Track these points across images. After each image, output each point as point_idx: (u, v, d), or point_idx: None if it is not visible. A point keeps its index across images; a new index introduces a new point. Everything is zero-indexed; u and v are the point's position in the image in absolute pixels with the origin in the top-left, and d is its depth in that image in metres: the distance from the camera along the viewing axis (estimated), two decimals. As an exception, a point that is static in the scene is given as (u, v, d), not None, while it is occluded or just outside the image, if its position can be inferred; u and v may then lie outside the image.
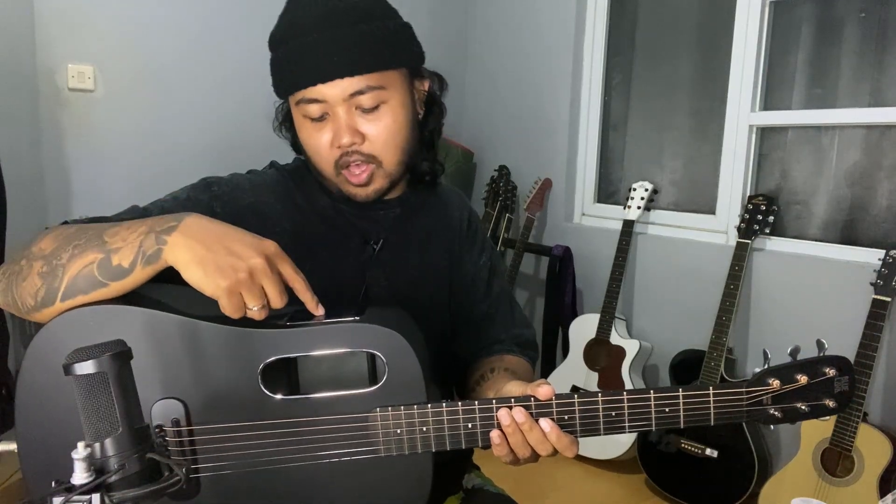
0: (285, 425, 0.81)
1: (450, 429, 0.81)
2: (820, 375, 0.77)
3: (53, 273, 0.78)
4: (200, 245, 0.75)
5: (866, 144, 2.18)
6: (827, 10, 2.26)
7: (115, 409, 0.58)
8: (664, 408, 0.79)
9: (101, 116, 2.56)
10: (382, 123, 0.93)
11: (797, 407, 0.78)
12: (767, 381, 0.78)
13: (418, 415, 0.80)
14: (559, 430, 0.79)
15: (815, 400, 0.78)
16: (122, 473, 0.58)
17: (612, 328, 2.52)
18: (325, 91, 0.91)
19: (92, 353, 0.58)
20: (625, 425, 0.79)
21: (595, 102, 2.94)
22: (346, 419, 0.81)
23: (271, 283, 0.76)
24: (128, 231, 0.78)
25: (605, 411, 0.79)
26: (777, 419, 0.79)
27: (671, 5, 2.73)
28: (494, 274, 1.13)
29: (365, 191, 0.96)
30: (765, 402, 0.78)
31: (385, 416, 0.80)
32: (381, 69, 0.92)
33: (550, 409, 0.79)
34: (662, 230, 2.65)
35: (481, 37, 3.33)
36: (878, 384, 1.99)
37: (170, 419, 0.80)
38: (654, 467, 2.32)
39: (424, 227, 1.07)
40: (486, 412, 0.80)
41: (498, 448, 0.81)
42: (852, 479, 1.82)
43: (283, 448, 0.81)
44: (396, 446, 0.81)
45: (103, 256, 0.77)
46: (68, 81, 2.48)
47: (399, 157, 0.97)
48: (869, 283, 1.90)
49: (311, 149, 0.96)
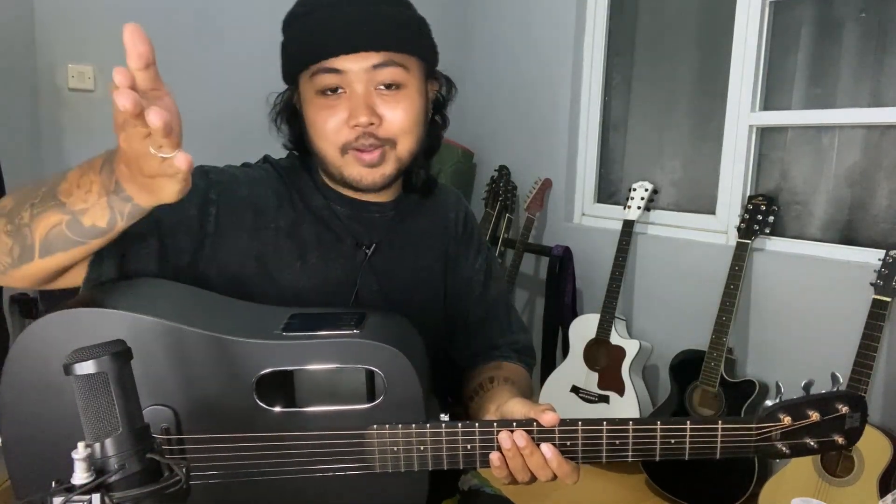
0: (279, 438, 0.79)
1: (448, 449, 0.79)
2: (832, 412, 0.76)
3: (20, 232, 0.75)
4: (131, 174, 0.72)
5: (866, 144, 2.18)
6: (827, 10, 2.26)
7: (116, 409, 0.58)
8: (670, 439, 0.77)
9: (101, 116, 2.56)
10: (401, 107, 0.90)
11: (806, 443, 0.76)
12: (779, 416, 0.76)
13: (416, 434, 0.78)
14: (560, 456, 0.77)
15: (825, 436, 0.76)
16: (123, 473, 0.58)
17: (612, 328, 2.52)
18: (346, 63, 0.87)
19: (92, 353, 0.58)
20: (628, 454, 0.78)
21: (595, 102, 2.94)
22: (342, 435, 0.79)
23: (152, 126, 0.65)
24: (79, 189, 0.73)
25: (608, 440, 0.78)
26: (784, 454, 0.77)
27: (671, 5, 2.73)
28: (490, 277, 1.11)
29: (373, 173, 0.92)
30: (773, 437, 0.76)
31: (382, 433, 0.79)
32: (404, 51, 0.90)
33: (553, 435, 0.78)
34: (662, 230, 2.66)
35: (481, 37, 3.33)
36: (878, 384, 1.99)
37: (159, 426, 0.78)
38: (655, 467, 2.32)
39: (419, 230, 1.04)
40: (487, 434, 0.78)
41: (497, 470, 0.79)
42: (852, 479, 1.82)
43: (276, 461, 0.79)
44: (392, 464, 0.79)
45: (69, 218, 0.73)
46: (68, 81, 2.48)
47: (412, 145, 0.94)
48: (869, 283, 1.90)
49: (318, 129, 0.91)
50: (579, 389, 2.57)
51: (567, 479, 0.78)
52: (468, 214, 1.13)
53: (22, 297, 2.38)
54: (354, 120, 0.88)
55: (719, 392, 2.17)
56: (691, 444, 0.77)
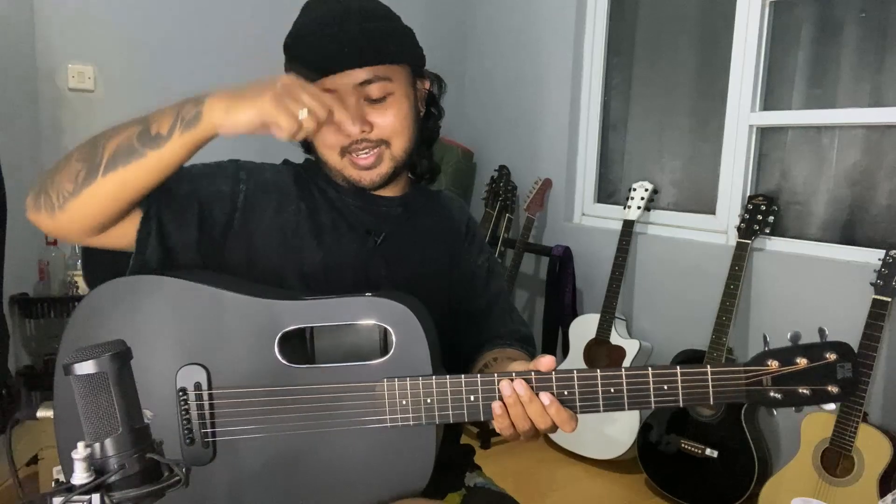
0: (297, 391, 0.85)
1: (453, 401, 0.83)
2: (820, 359, 0.77)
3: (94, 150, 0.84)
4: (231, 95, 0.81)
5: (866, 144, 2.18)
6: (827, 10, 2.26)
7: (115, 409, 0.58)
8: (663, 385, 0.80)
9: (101, 116, 2.56)
10: (390, 112, 0.99)
11: (798, 390, 0.77)
12: (766, 362, 0.78)
13: (423, 386, 0.84)
14: (559, 404, 0.81)
15: (817, 384, 0.77)
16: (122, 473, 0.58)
17: (612, 328, 2.52)
18: (336, 82, 0.97)
19: (92, 353, 0.58)
20: (623, 402, 0.80)
21: (595, 102, 2.94)
22: (354, 387, 0.85)
23: (306, 94, 0.81)
24: (167, 108, 0.84)
25: (603, 388, 0.81)
26: (777, 402, 0.77)
27: (671, 5, 2.73)
28: (492, 275, 1.17)
29: (370, 174, 1.01)
30: (764, 382, 0.78)
31: (391, 386, 0.84)
32: (387, 62, 0.99)
33: (550, 384, 0.82)
34: (662, 230, 2.65)
35: (481, 37, 3.33)
36: (878, 384, 1.99)
37: (192, 383, 0.86)
38: (655, 467, 2.32)
39: (425, 228, 1.11)
40: (488, 385, 0.83)
41: (499, 419, 0.82)
42: (852, 479, 1.82)
43: (294, 413, 0.85)
44: (402, 417, 0.84)
45: (142, 128, 0.83)
46: (68, 81, 2.49)
47: (405, 143, 1.03)
48: (869, 283, 1.90)
49: (319, 139, 1.01)
50: (579, 389, 2.57)
51: (565, 427, 0.81)
52: (471, 220, 1.21)
53: (22, 297, 2.38)
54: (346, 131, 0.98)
55: (719, 392, 2.17)
56: (684, 389, 0.79)
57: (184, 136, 0.83)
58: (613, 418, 2.47)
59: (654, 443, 2.32)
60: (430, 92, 1.10)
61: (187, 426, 0.87)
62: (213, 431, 0.86)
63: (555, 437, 2.63)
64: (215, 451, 0.87)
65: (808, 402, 0.77)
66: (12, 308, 2.36)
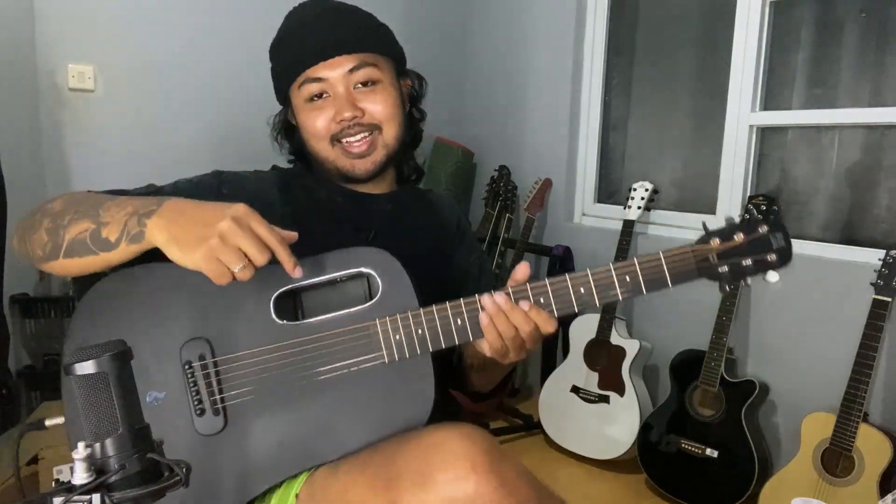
0: (296, 345, 0.90)
1: (442, 326, 0.88)
2: (754, 232, 0.86)
3: (56, 232, 0.88)
4: (174, 225, 0.82)
5: (866, 144, 2.18)
6: (827, 10, 2.26)
7: (116, 409, 0.58)
8: (625, 276, 0.86)
9: (101, 116, 2.56)
10: (379, 98, 1.03)
11: (741, 262, 0.85)
12: (709, 241, 0.86)
13: (412, 318, 0.89)
14: (537, 307, 0.87)
15: (757, 255, 0.86)
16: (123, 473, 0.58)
17: (612, 328, 2.52)
18: (325, 70, 1.01)
19: (92, 353, 0.58)
20: (595, 299, 0.87)
21: (595, 102, 2.94)
22: (350, 331, 0.89)
23: (245, 241, 0.80)
24: (118, 209, 0.86)
25: (574, 289, 0.87)
26: (726, 275, 0.86)
27: (671, 5, 2.73)
28: (483, 273, 1.19)
29: (364, 163, 1.04)
30: (711, 259, 0.86)
31: (384, 323, 0.89)
32: (372, 51, 1.03)
33: (527, 294, 0.88)
34: (663, 230, 2.65)
35: (481, 37, 3.33)
36: (878, 384, 1.99)
37: (196, 356, 0.90)
38: (655, 467, 2.32)
39: (415, 226, 1.13)
40: (471, 305, 0.88)
41: (487, 330, 0.87)
42: (852, 479, 1.82)
43: (297, 367, 0.89)
44: (398, 350, 0.88)
45: (95, 227, 0.86)
46: (68, 81, 2.48)
47: (396, 130, 1.06)
48: (869, 283, 1.89)
49: (310, 129, 1.04)
50: (579, 389, 2.57)
51: (546, 326, 0.87)
52: (463, 219, 1.22)
53: (22, 297, 2.38)
54: (340, 115, 1.01)
55: (719, 392, 2.17)
56: (644, 278, 0.85)
57: (130, 247, 0.85)
58: (613, 418, 2.47)
59: (654, 443, 2.32)
60: (413, 90, 1.13)
61: (197, 397, 0.91)
62: (223, 398, 0.90)
63: (555, 437, 2.63)
64: (226, 418, 0.90)
65: (752, 271, 0.86)
66: (12, 308, 2.36)
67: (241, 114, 2.76)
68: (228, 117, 2.76)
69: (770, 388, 2.24)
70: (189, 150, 2.70)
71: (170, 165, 2.71)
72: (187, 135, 2.71)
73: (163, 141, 2.67)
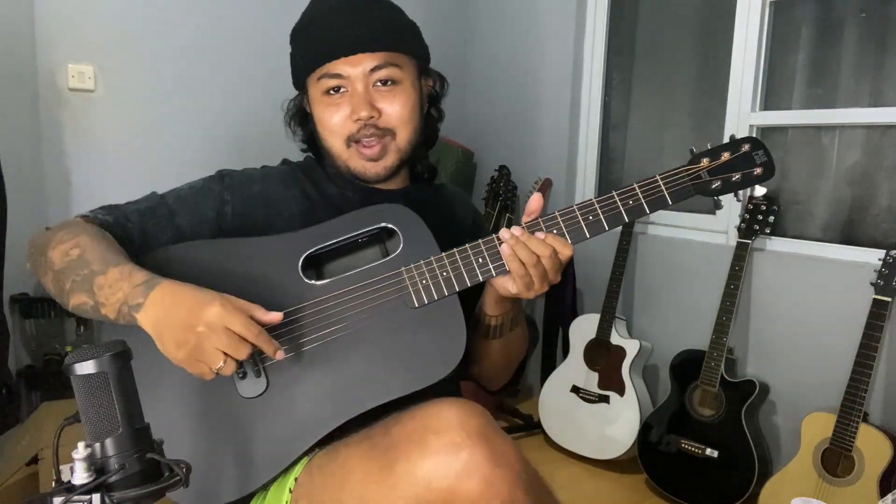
0: (330, 299, 0.94)
1: (465, 266, 0.94)
2: (739, 150, 0.96)
3: (61, 292, 0.92)
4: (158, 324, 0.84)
5: (866, 144, 2.18)
6: (827, 10, 2.26)
7: (116, 409, 0.58)
8: (628, 201, 0.94)
9: (101, 116, 2.56)
10: (398, 100, 1.02)
11: (731, 177, 0.96)
12: (699, 160, 0.97)
13: (436, 262, 0.94)
14: (552, 234, 0.93)
15: (744, 169, 0.96)
16: (123, 473, 0.58)
17: (612, 328, 2.52)
18: (346, 67, 1.00)
19: (92, 353, 0.58)
20: (603, 224, 0.94)
21: (595, 102, 2.94)
22: (379, 281, 0.94)
23: (222, 341, 0.82)
24: (111, 292, 0.88)
25: (583, 216, 0.94)
26: (719, 189, 0.95)
27: (671, 5, 2.73)
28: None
29: (375, 166, 1.04)
30: (703, 177, 0.96)
31: (409, 270, 0.94)
32: (396, 50, 1.02)
33: (540, 227, 0.94)
34: (662, 230, 2.65)
35: (481, 37, 3.33)
36: (878, 384, 1.98)
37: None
38: (655, 467, 2.32)
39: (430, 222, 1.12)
40: (489, 244, 0.95)
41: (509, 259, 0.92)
42: (852, 479, 1.82)
43: (330, 321, 0.94)
44: (426, 294, 0.94)
45: (93, 304, 0.89)
46: (68, 81, 2.48)
47: (410, 134, 1.05)
48: (869, 283, 1.89)
49: (325, 124, 1.04)
50: (579, 389, 2.57)
51: (564, 250, 0.93)
52: (476, 213, 1.23)
53: (22, 297, 2.38)
54: (356, 115, 1.00)
55: (719, 392, 2.17)
56: (646, 199, 0.94)
57: (125, 324, 0.88)
58: (613, 418, 2.47)
59: (654, 443, 2.32)
60: (434, 90, 1.11)
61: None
62: (262, 359, 0.93)
63: (555, 437, 2.63)
64: (268, 379, 0.93)
65: (742, 184, 0.96)
66: (12, 308, 2.36)
67: (241, 113, 2.76)
68: (228, 117, 2.76)
69: (770, 388, 2.24)
70: (189, 149, 2.70)
71: (170, 165, 2.71)
72: (187, 135, 2.71)
73: (163, 141, 2.67)
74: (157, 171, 2.63)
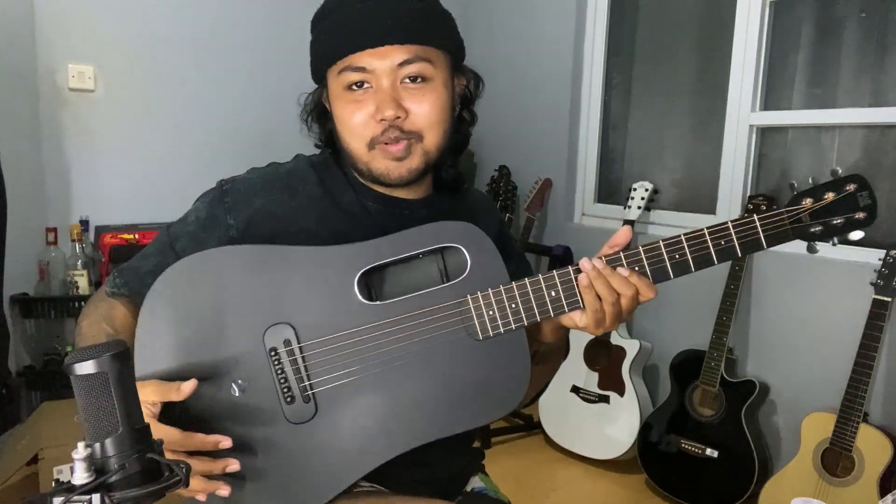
0: (386, 325, 0.86)
1: (536, 299, 0.86)
2: (843, 191, 0.87)
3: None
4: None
5: (866, 144, 2.18)
6: (827, 10, 2.26)
7: (116, 409, 0.58)
8: (720, 241, 0.86)
9: (101, 116, 2.56)
10: (427, 100, 0.91)
11: (832, 221, 0.87)
12: (801, 201, 0.88)
13: (505, 292, 0.86)
14: (636, 273, 0.86)
15: (846, 214, 0.87)
16: (123, 473, 0.58)
17: (612, 328, 2.52)
18: (372, 60, 0.89)
19: (92, 353, 0.58)
20: (689, 264, 0.87)
21: (595, 102, 2.94)
22: (441, 308, 0.86)
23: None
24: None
25: (669, 255, 0.87)
26: (818, 235, 0.87)
27: (671, 5, 2.73)
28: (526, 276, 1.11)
29: (399, 168, 0.92)
30: (804, 220, 0.87)
31: (475, 299, 0.86)
32: (429, 44, 0.91)
33: (621, 261, 0.87)
34: (663, 230, 2.65)
35: (481, 37, 3.33)
36: (878, 384, 1.98)
37: (282, 341, 0.86)
38: (655, 467, 2.32)
39: None
40: (565, 277, 0.87)
41: (586, 291, 0.85)
42: (852, 479, 1.82)
43: (387, 348, 0.86)
44: (492, 325, 0.86)
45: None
46: (68, 81, 2.49)
47: (439, 138, 0.93)
48: (869, 283, 1.89)
49: (346, 122, 0.92)
50: (579, 389, 2.57)
51: (648, 292, 0.86)
52: (502, 220, 1.14)
53: (22, 297, 2.38)
54: (381, 114, 0.89)
55: (719, 392, 2.17)
56: (740, 241, 0.86)
57: None
58: (613, 418, 2.47)
59: (654, 443, 2.32)
60: (468, 91, 0.99)
61: (285, 384, 0.87)
62: (311, 384, 0.86)
63: (555, 437, 2.63)
64: (317, 404, 0.87)
65: (843, 230, 0.86)
66: (12, 308, 2.36)
67: (241, 113, 2.76)
68: (228, 117, 2.76)
69: (770, 388, 2.24)
70: (189, 149, 2.70)
71: (170, 165, 2.71)
72: (187, 134, 2.71)
73: (163, 140, 2.67)
74: (157, 171, 2.63)
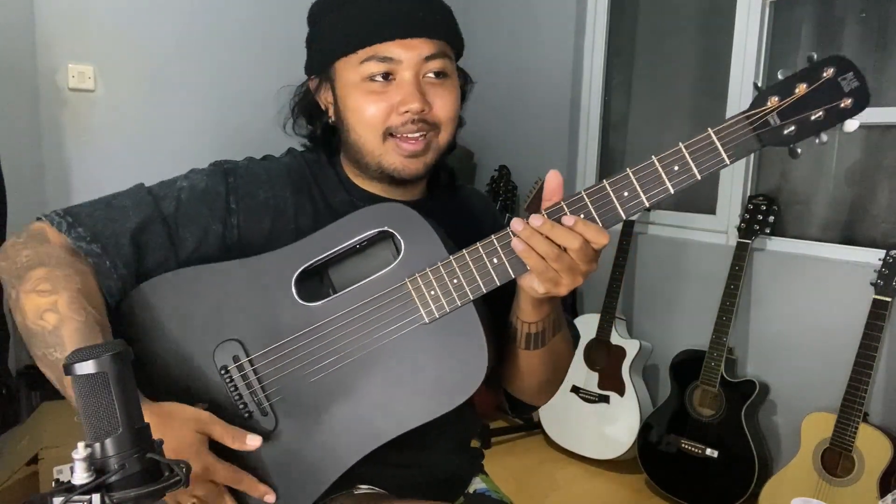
0: (330, 324, 0.83)
1: (478, 269, 0.80)
2: (819, 79, 0.71)
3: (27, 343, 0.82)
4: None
5: (866, 144, 2.18)
6: (827, 10, 2.26)
7: (116, 409, 0.58)
8: (673, 167, 0.76)
9: (101, 116, 2.56)
10: (448, 95, 0.90)
11: (810, 117, 0.71)
12: (765, 101, 0.73)
13: (444, 268, 0.81)
14: (582, 220, 0.76)
15: (829, 103, 0.71)
16: (123, 473, 0.58)
17: (612, 328, 2.52)
18: (400, 50, 0.86)
19: (92, 353, 0.58)
20: (642, 199, 0.77)
21: (595, 102, 2.94)
22: (382, 297, 0.83)
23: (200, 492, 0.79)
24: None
25: (616, 194, 0.77)
26: (794, 136, 0.72)
27: (671, 5, 2.73)
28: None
29: (415, 164, 0.90)
30: (772, 122, 0.73)
31: (414, 280, 0.82)
32: (449, 41, 0.90)
33: (563, 211, 0.77)
34: (662, 230, 2.65)
35: (482, 36, 3.33)
36: (878, 384, 1.98)
37: (230, 358, 0.85)
38: (655, 467, 2.32)
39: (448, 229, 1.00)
40: (504, 240, 0.80)
41: (525, 255, 0.77)
42: (852, 479, 1.82)
43: (336, 346, 0.84)
44: (437, 307, 0.82)
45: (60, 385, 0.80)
46: (68, 81, 2.49)
47: (450, 135, 0.93)
48: (869, 283, 1.90)
49: (361, 113, 0.88)
50: (579, 389, 2.57)
51: (599, 238, 0.76)
52: (496, 212, 1.12)
53: (22, 297, 2.37)
54: (406, 106, 0.87)
55: (719, 392, 2.17)
56: (696, 163, 0.75)
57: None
58: (613, 418, 2.47)
59: (654, 443, 2.32)
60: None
61: (240, 401, 0.86)
62: (267, 395, 0.85)
63: (555, 437, 2.63)
64: (276, 415, 0.85)
65: (826, 124, 0.72)
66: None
67: (240, 113, 2.76)
68: (228, 116, 2.76)
69: (770, 388, 2.24)
70: (189, 149, 2.70)
71: (169, 165, 2.70)
72: (187, 134, 2.71)
73: (163, 140, 2.67)
74: (157, 171, 2.62)
